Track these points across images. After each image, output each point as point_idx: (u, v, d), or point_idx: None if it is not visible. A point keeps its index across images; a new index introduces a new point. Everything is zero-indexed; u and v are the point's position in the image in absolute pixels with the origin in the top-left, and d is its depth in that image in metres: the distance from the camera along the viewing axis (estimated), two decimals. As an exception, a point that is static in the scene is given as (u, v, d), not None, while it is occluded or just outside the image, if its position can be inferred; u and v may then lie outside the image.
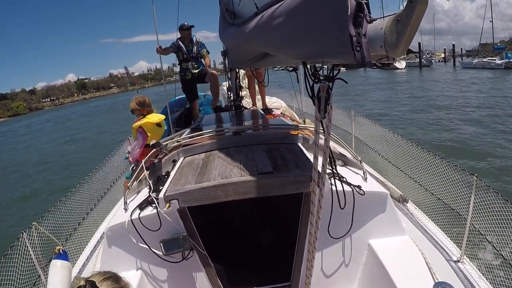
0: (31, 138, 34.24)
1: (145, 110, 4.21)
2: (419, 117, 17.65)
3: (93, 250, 3.56)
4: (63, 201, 4.16)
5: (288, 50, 2.11)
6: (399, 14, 1.21)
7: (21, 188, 14.43)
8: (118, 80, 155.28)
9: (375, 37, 1.30)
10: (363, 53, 1.29)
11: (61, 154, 21.10)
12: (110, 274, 1.59)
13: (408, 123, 16.63)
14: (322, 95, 1.66)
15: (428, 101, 23.45)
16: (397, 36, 1.22)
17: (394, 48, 1.25)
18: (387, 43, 1.26)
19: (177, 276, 2.63)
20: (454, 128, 14.72)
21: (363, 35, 1.28)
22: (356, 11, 1.29)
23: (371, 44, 1.30)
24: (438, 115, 17.97)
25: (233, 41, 3.58)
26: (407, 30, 1.19)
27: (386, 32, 1.26)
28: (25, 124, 54.78)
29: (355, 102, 24.63)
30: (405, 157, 4.73)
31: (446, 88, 30.15)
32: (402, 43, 1.23)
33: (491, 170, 9.39)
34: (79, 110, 63.59)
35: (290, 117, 6.22)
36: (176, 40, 6.62)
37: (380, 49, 1.30)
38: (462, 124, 15.42)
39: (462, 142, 12.38)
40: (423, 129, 15.00)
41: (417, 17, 1.17)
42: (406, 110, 20.56)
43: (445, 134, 13.71)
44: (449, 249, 2.84)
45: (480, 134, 13.33)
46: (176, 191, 2.46)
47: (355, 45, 1.29)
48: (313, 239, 2.15)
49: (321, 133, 1.89)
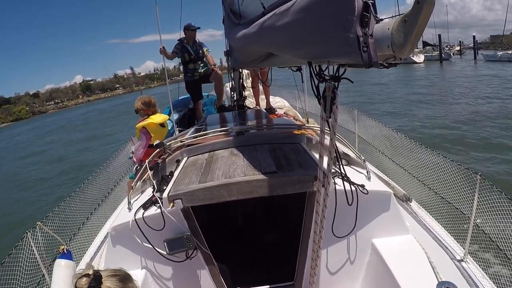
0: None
1: (150, 110, 4.22)
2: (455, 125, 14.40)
3: (97, 250, 3.58)
4: (67, 201, 4.18)
5: (294, 50, 2.11)
6: (406, 15, 1.21)
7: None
8: (124, 80, 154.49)
9: (382, 37, 1.30)
10: (370, 54, 1.29)
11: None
12: (120, 273, 1.66)
13: (436, 128, 13.94)
14: (328, 95, 1.66)
15: (460, 100, 19.91)
16: (404, 36, 1.22)
17: (402, 48, 1.25)
18: (394, 43, 1.26)
19: (181, 276, 2.63)
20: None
21: (370, 36, 1.28)
22: (363, 11, 1.29)
23: (378, 44, 1.30)
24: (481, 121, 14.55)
25: (240, 41, 3.57)
26: (414, 30, 1.19)
27: (393, 32, 1.26)
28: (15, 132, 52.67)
29: (370, 101, 22.73)
30: (409, 156, 4.72)
31: (479, 86, 25.33)
32: (409, 43, 1.22)
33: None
34: (64, 119, 60.89)
35: (293, 117, 6.21)
36: (179, 42, 6.61)
37: (387, 49, 1.30)
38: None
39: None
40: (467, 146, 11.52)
41: (424, 17, 1.16)
42: (430, 110, 17.93)
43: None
44: (452, 249, 2.83)
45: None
46: (180, 190, 2.47)
47: (362, 45, 1.29)
48: (318, 238, 2.15)
49: (326, 132, 1.89)
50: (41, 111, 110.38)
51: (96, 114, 52.65)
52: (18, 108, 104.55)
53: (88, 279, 1.53)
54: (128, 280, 1.68)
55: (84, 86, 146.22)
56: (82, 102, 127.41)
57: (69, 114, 73.67)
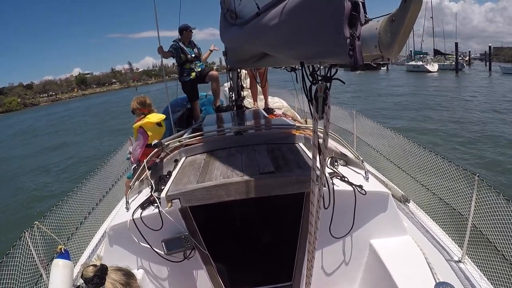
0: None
1: (146, 110, 4.22)
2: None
3: (94, 249, 3.58)
4: (65, 201, 4.17)
5: (287, 51, 2.11)
6: (393, 14, 1.22)
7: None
8: (121, 75, 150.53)
9: (369, 38, 1.30)
10: (356, 56, 1.29)
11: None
12: (125, 270, 1.77)
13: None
14: (320, 95, 1.66)
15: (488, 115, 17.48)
16: (392, 36, 1.22)
17: (389, 48, 1.26)
18: (382, 43, 1.26)
19: (179, 276, 2.63)
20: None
21: (357, 38, 1.28)
22: (352, 11, 1.29)
23: (365, 44, 1.30)
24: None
25: (234, 42, 3.58)
26: (401, 30, 1.19)
27: (380, 32, 1.26)
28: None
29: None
30: (407, 157, 4.73)
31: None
32: (396, 43, 1.23)
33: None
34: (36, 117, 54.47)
35: (291, 117, 6.21)
36: (176, 42, 6.60)
37: (375, 49, 1.30)
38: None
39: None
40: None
41: (412, 17, 1.17)
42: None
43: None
44: (450, 249, 2.84)
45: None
46: (178, 190, 2.47)
47: (349, 47, 1.29)
48: (313, 239, 2.15)
49: (320, 132, 1.89)
50: (33, 103, 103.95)
51: (71, 114, 48.29)
52: (9, 99, 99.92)
53: (95, 268, 1.63)
54: (131, 277, 1.77)
55: (79, 79, 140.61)
56: (77, 95, 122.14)
57: (56, 108, 69.63)
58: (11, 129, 41.89)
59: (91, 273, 1.62)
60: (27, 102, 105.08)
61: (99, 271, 1.63)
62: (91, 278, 1.61)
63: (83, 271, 1.65)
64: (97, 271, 1.62)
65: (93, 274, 1.61)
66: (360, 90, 33.09)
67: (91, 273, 1.62)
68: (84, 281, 1.63)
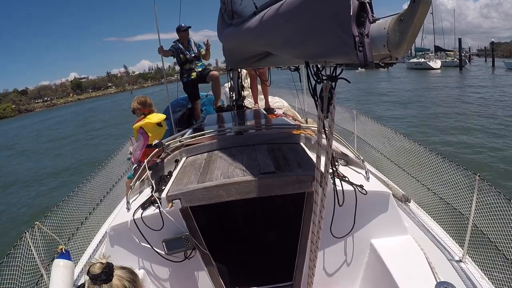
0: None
1: (146, 110, 4.22)
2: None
3: (95, 250, 3.58)
4: (65, 201, 4.17)
5: (290, 50, 2.11)
6: (402, 14, 1.22)
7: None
8: (116, 79, 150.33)
9: (378, 37, 1.30)
10: (366, 53, 1.29)
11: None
12: (129, 268, 1.81)
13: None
14: (325, 95, 1.66)
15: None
16: (400, 35, 1.23)
17: (397, 48, 1.26)
18: (390, 42, 1.26)
19: (180, 276, 2.63)
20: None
21: (366, 35, 1.29)
22: (359, 11, 1.29)
23: (374, 43, 1.31)
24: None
25: (232, 41, 3.57)
26: (410, 29, 1.19)
27: (389, 32, 1.26)
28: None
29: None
30: (408, 156, 4.72)
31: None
32: (405, 43, 1.23)
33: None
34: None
35: (292, 117, 6.21)
36: (175, 43, 6.65)
37: (383, 48, 1.30)
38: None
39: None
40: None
41: (420, 17, 1.17)
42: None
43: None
44: (451, 249, 2.83)
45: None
46: (179, 190, 2.47)
47: (358, 45, 1.29)
48: (316, 238, 2.15)
49: (323, 132, 1.89)
50: (27, 109, 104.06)
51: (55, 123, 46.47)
52: (3, 105, 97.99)
53: (102, 265, 1.67)
54: (135, 275, 1.81)
55: (75, 84, 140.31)
56: (72, 100, 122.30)
57: (50, 114, 68.99)
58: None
59: (98, 270, 1.65)
60: (22, 108, 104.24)
61: (106, 268, 1.66)
62: (98, 274, 1.64)
63: (89, 268, 1.68)
64: (105, 268, 1.66)
65: (100, 271, 1.64)
66: (363, 89, 32.96)
67: (99, 270, 1.65)
68: (90, 278, 1.66)
